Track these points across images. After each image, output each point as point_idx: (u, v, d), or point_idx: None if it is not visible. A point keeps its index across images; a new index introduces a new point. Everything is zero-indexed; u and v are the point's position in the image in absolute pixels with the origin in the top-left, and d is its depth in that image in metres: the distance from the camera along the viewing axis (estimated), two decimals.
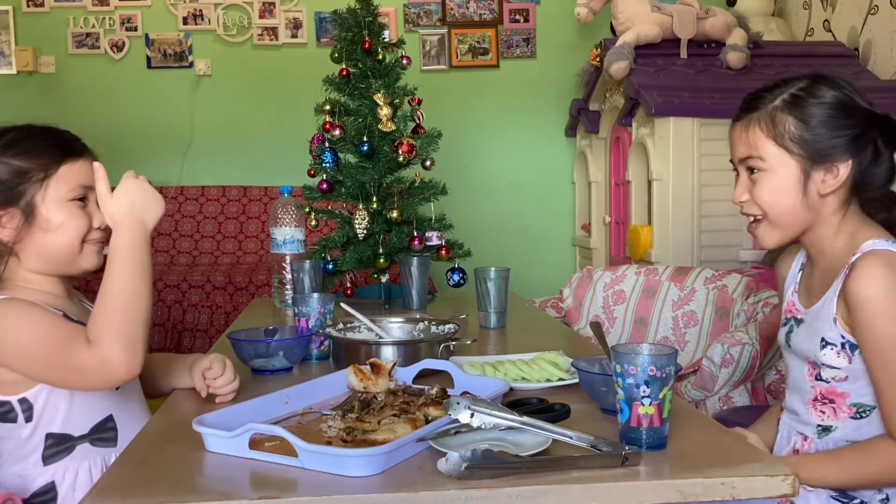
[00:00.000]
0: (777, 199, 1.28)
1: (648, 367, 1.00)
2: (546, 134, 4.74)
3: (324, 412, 1.19)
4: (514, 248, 4.70)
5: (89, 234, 1.31)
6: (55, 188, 1.27)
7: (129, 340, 1.13)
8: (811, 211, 1.28)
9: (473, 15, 4.68)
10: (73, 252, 1.30)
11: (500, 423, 1.03)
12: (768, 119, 1.27)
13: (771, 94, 1.29)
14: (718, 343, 2.28)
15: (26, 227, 1.26)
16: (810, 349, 1.31)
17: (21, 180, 1.25)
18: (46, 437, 1.23)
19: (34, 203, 1.26)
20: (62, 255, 1.29)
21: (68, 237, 1.28)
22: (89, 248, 1.32)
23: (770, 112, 1.27)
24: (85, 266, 1.32)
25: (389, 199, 2.30)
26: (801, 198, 1.27)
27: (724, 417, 2.07)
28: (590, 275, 2.82)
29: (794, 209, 1.28)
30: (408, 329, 1.61)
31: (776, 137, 1.26)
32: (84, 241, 1.31)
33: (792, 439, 1.37)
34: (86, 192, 1.31)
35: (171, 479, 0.98)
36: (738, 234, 3.48)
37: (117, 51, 4.59)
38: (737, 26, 3.64)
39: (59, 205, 1.27)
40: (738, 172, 1.34)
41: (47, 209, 1.27)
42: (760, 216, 1.32)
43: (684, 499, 0.92)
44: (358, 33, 2.35)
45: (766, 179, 1.28)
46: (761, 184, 1.29)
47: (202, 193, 4.56)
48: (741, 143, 1.31)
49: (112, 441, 1.27)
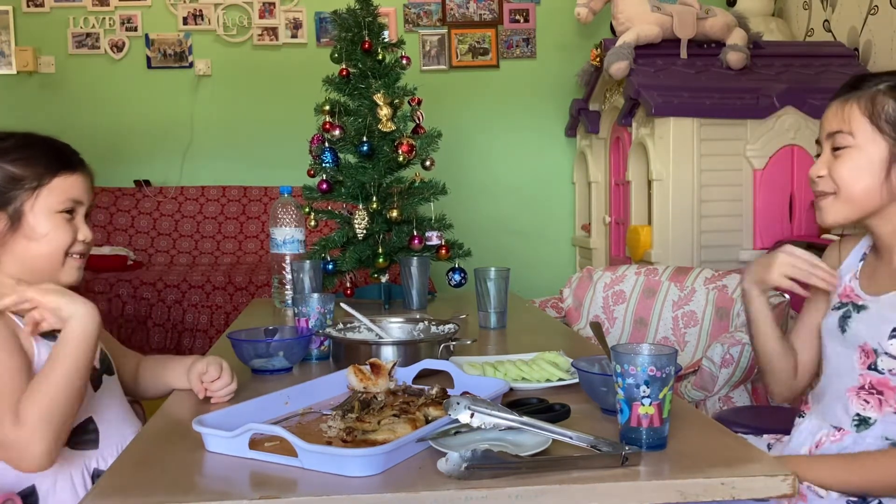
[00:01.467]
0: (857, 175, 1.30)
1: (648, 367, 1.00)
2: (546, 134, 4.74)
3: (324, 412, 1.20)
4: (514, 248, 4.69)
5: (72, 247, 1.33)
6: (45, 198, 1.29)
7: (54, 438, 1.12)
8: (886, 195, 1.29)
9: (473, 15, 4.68)
10: (55, 263, 1.31)
11: (500, 423, 1.03)
12: (868, 98, 1.29)
13: (877, 79, 1.31)
14: (718, 343, 2.28)
15: (10, 232, 1.28)
16: (874, 336, 1.29)
17: (13, 186, 1.27)
18: None
19: (22, 210, 1.28)
20: (43, 264, 1.30)
21: (51, 248, 1.30)
22: (71, 262, 1.33)
23: (872, 93, 1.29)
24: (65, 280, 1.32)
25: (389, 199, 2.30)
26: (881, 180, 1.28)
27: (724, 417, 2.06)
28: (590, 275, 2.82)
29: (871, 189, 1.29)
30: (408, 329, 1.61)
31: (872, 116, 1.28)
32: (67, 253, 1.32)
33: (817, 435, 1.36)
34: (75, 205, 1.33)
35: (171, 479, 0.98)
36: (738, 234, 3.48)
37: (117, 51, 4.59)
38: (737, 26, 3.64)
39: (46, 215, 1.29)
40: (823, 148, 1.36)
41: (34, 218, 1.28)
42: (833, 192, 1.33)
43: (684, 499, 0.92)
44: (358, 33, 2.35)
45: (850, 155, 1.30)
46: (844, 159, 1.31)
47: (202, 193, 4.56)
48: (835, 118, 1.32)
49: (93, 443, 1.26)
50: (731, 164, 3.44)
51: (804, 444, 1.37)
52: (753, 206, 3.47)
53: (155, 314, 3.72)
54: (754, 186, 3.45)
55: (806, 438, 1.38)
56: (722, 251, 3.45)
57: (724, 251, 3.45)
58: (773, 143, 3.43)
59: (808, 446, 1.36)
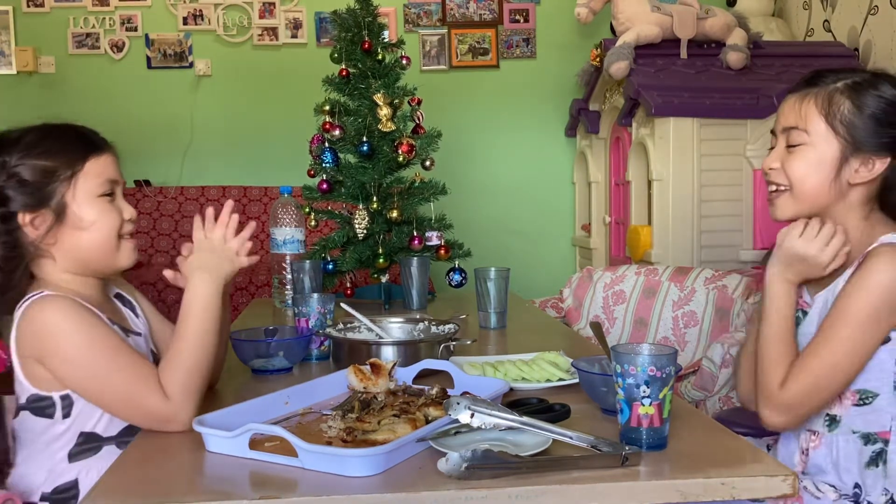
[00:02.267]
0: (808, 172, 1.31)
1: (648, 367, 1.00)
2: (546, 134, 4.74)
3: (324, 412, 1.20)
4: (514, 248, 4.69)
5: (122, 228, 1.30)
6: (83, 184, 1.26)
7: (197, 401, 1.18)
8: (835, 194, 1.30)
9: (473, 15, 4.68)
10: (111, 249, 1.29)
11: (500, 423, 1.03)
12: (826, 96, 1.30)
13: (835, 76, 1.32)
14: (718, 343, 2.28)
15: (58, 226, 1.25)
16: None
17: (49, 180, 1.24)
18: (79, 436, 1.23)
19: (65, 202, 1.25)
20: (99, 252, 1.28)
21: (103, 234, 1.27)
22: (125, 244, 1.31)
23: (829, 91, 1.30)
24: (123, 263, 1.31)
25: (389, 199, 2.30)
26: (831, 178, 1.29)
27: (724, 417, 2.06)
28: (590, 275, 2.82)
29: (821, 187, 1.30)
30: (408, 329, 1.61)
31: (827, 115, 1.29)
32: (120, 236, 1.30)
33: (800, 438, 1.37)
34: (113, 186, 1.30)
35: (171, 479, 0.98)
36: (738, 234, 3.48)
37: (117, 51, 4.59)
38: (737, 26, 3.64)
39: (89, 201, 1.26)
40: (777, 141, 1.37)
41: (79, 207, 1.25)
42: (785, 187, 1.34)
43: (684, 499, 0.92)
44: (357, 33, 2.35)
45: (803, 152, 1.31)
46: (798, 155, 1.32)
47: (202, 193, 4.56)
48: (791, 113, 1.33)
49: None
50: (731, 164, 3.44)
51: (794, 451, 1.38)
52: (753, 206, 3.47)
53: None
54: (754, 186, 3.45)
55: (793, 443, 1.39)
56: (722, 251, 3.45)
57: (724, 251, 3.45)
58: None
59: (798, 452, 1.37)
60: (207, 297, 1.23)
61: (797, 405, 1.25)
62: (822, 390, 1.25)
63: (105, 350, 1.17)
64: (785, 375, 1.26)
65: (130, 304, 1.40)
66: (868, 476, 1.27)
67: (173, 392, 1.16)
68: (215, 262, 1.28)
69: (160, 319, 1.46)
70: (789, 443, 1.40)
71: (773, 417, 1.28)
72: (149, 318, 1.43)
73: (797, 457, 1.37)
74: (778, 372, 1.27)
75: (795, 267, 1.30)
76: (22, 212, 1.23)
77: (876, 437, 1.27)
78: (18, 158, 1.24)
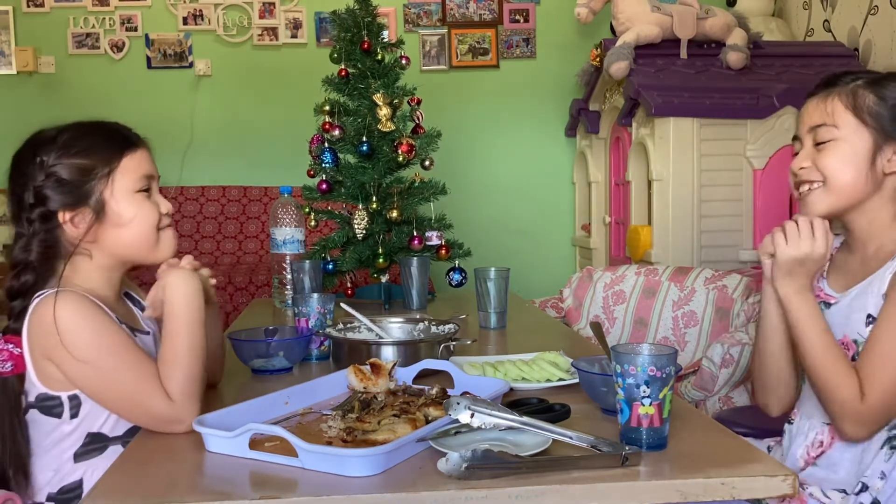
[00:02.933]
0: (843, 166, 1.31)
1: (648, 367, 1.00)
2: (546, 134, 4.74)
3: (324, 412, 1.20)
4: (514, 248, 4.69)
5: (161, 222, 1.31)
6: (121, 181, 1.27)
7: (198, 401, 1.18)
8: (872, 186, 1.31)
9: (473, 15, 4.68)
10: (151, 242, 1.30)
11: (500, 423, 1.03)
12: (849, 92, 1.32)
13: (852, 76, 1.34)
14: (718, 343, 2.28)
15: (97, 224, 1.26)
16: (851, 328, 1.31)
17: (87, 178, 1.25)
18: (87, 436, 1.23)
19: (103, 199, 1.25)
20: (139, 247, 1.29)
21: (142, 228, 1.28)
22: (165, 234, 1.32)
23: (851, 87, 1.32)
24: (164, 254, 1.32)
25: (389, 199, 2.30)
26: (866, 170, 1.30)
27: (724, 417, 2.07)
28: (590, 275, 2.82)
29: (857, 180, 1.31)
30: (408, 329, 1.61)
31: (855, 108, 1.31)
32: (159, 229, 1.31)
33: (810, 436, 1.36)
34: (149, 181, 1.31)
35: (171, 479, 0.98)
36: (738, 234, 3.48)
37: (117, 51, 4.59)
38: (737, 26, 3.64)
39: (127, 198, 1.27)
40: (803, 143, 1.37)
41: (117, 203, 1.26)
42: (820, 182, 1.34)
43: (684, 499, 0.92)
44: (357, 33, 2.35)
45: (835, 148, 1.32)
46: (829, 151, 1.32)
47: (202, 193, 4.56)
48: (816, 112, 1.34)
49: None
50: (731, 164, 3.44)
51: (800, 447, 1.37)
52: (753, 206, 3.47)
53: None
54: (754, 186, 3.45)
55: (801, 441, 1.38)
56: (722, 251, 3.45)
57: (724, 251, 3.45)
58: (773, 143, 3.42)
59: (804, 447, 1.37)
60: (187, 291, 1.24)
61: (880, 415, 1.24)
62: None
63: (114, 349, 1.18)
64: (857, 386, 1.23)
65: (140, 304, 1.41)
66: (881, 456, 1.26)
67: (174, 393, 1.16)
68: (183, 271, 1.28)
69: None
70: (797, 440, 1.39)
71: (859, 431, 1.25)
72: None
73: (801, 452, 1.36)
74: (850, 384, 1.23)
75: (799, 272, 1.29)
76: (62, 210, 1.24)
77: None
78: (56, 158, 1.25)
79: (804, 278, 1.30)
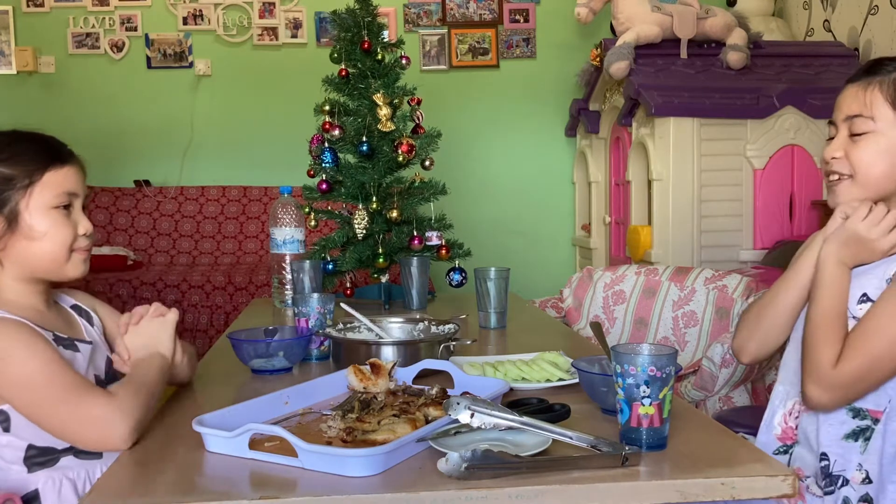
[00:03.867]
0: (877, 160, 1.31)
1: (648, 367, 1.00)
2: (546, 134, 4.74)
3: (324, 412, 1.20)
4: (514, 248, 4.70)
5: (76, 242, 1.30)
6: (39, 195, 1.26)
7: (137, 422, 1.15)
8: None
9: (473, 15, 4.68)
10: (60, 260, 1.29)
11: (500, 423, 1.03)
12: (891, 83, 1.31)
13: (894, 64, 1.33)
14: (718, 343, 2.28)
15: (9, 234, 1.25)
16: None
17: (5, 187, 1.24)
18: (28, 448, 1.21)
19: (17, 210, 1.25)
20: (47, 263, 1.28)
21: (53, 246, 1.27)
22: (76, 256, 1.31)
23: (894, 78, 1.31)
24: (71, 274, 1.31)
25: (389, 199, 2.30)
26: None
27: (724, 417, 2.07)
28: (590, 275, 2.82)
29: (889, 174, 1.31)
30: (408, 329, 1.61)
31: (895, 102, 1.30)
32: (71, 249, 1.30)
33: (788, 403, 1.37)
34: (70, 199, 1.29)
35: (171, 479, 0.98)
36: (738, 234, 3.48)
37: (117, 51, 4.59)
38: (737, 26, 3.64)
39: (43, 212, 1.26)
40: (838, 131, 1.36)
41: (31, 216, 1.25)
42: (848, 175, 1.34)
43: (684, 499, 0.92)
44: (357, 33, 2.35)
45: (870, 140, 1.31)
46: (864, 144, 1.32)
47: (202, 193, 4.56)
48: (855, 101, 1.33)
49: (97, 454, 1.25)
50: (731, 164, 3.44)
51: (777, 412, 1.38)
52: (753, 206, 3.47)
53: None
54: (754, 186, 3.45)
55: (778, 406, 1.39)
56: (722, 251, 3.45)
57: (724, 251, 3.45)
58: (773, 143, 3.43)
59: (782, 412, 1.37)
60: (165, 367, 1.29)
61: (848, 385, 1.24)
62: (875, 372, 1.23)
63: (51, 378, 1.16)
64: (837, 355, 1.24)
65: (87, 315, 1.39)
66: (842, 447, 1.27)
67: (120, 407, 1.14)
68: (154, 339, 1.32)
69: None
70: (774, 401, 1.40)
71: (821, 396, 1.26)
72: (109, 328, 1.43)
73: (779, 415, 1.37)
74: (830, 351, 1.25)
75: (852, 248, 1.30)
76: None
77: (866, 413, 1.27)
78: None
79: (852, 256, 1.31)
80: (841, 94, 1.38)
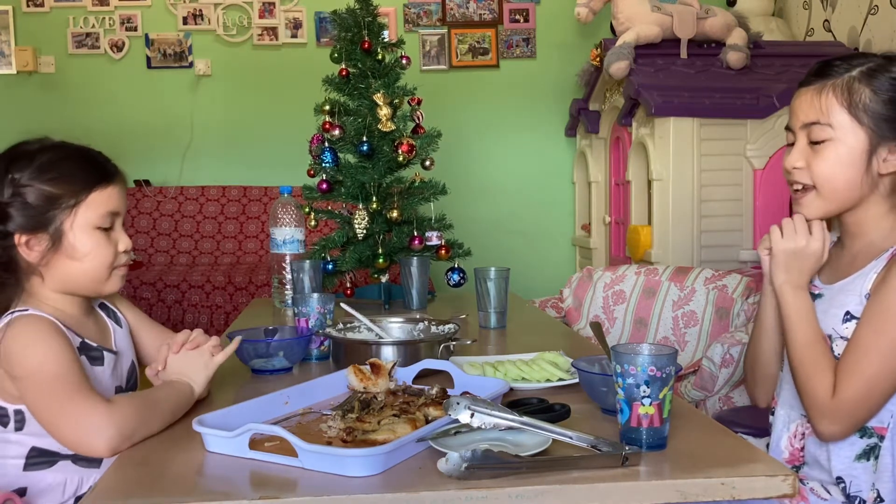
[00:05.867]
0: (838, 170, 1.27)
1: (648, 367, 1.00)
2: (546, 134, 4.74)
3: (324, 412, 1.20)
4: (514, 248, 4.70)
5: (115, 260, 1.31)
6: (83, 215, 1.26)
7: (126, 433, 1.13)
8: (867, 188, 1.27)
9: (473, 15, 4.68)
10: (101, 279, 1.30)
11: (500, 423, 1.03)
12: (845, 87, 1.26)
13: (847, 64, 1.28)
14: (718, 343, 2.28)
15: (52, 251, 1.25)
16: (828, 322, 1.29)
17: (51, 206, 1.24)
18: (31, 450, 1.22)
19: (62, 230, 1.25)
20: (87, 281, 1.29)
21: (94, 265, 1.28)
22: (116, 273, 1.32)
23: (847, 81, 1.26)
24: (109, 290, 1.33)
25: (389, 199, 2.30)
26: (862, 172, 1.26)
27: (724, 417, 2.07)
28: (590, 275, 2.82)
29: (852, 183, 1.26)
30: (408, 329, 1.61)
31: (850, 106, 1.25)
32: (112, 267, 1.31)
33: (791, 426, 1.36)
34: (113, 219, 1.30)
35: (171, 479, 0.98)
36: (738, 234, 3.48)
37: (117, 51, 4.59)
38: (737, 26, 3.64)
39: (86, 233, 1.26)
40: (796, 138, 1.33)
41: (74, 236, 1.26)
42: (810, 186, 1.30)
43: (684, 499, 0.92)
44: (357, 33, 2.35)
45: (830, 149, 1.27)
46: (824, 154, 1.28)
47: (202, 193, 4.56)
48: (810, 108, 1.29)
49: (96, 463, 1.26)
50: (731, 164, 3.44)
51: (782, 436, 1.37)
52: (753, 206, 3.47)
53: (155, 314, 3.72)
54: (754, 186, 3.45)
55: (782, 430, 1.37)
56: (722, 251, 3.45)
57: (724, 251, 3.45)
58: (773, 143, 3.42)
59: (786, 436, 1.36)
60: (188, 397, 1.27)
61: (853, 411, 1.21)
62: (876, 393, 1.20)
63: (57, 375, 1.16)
64: (832, 382, 1.21)
65: (114, 315, 1.40)
66: (856, 469, 1.25)
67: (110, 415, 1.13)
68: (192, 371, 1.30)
69: (147, 326, 1.48)
70: (777, 428, 1.38)
71: (831, 428, 1.22)
72: (133, 325, 1.44)
73: (784, 441, 1.36)
74: (824, 381, 1.22)
75: (794, 267, 1.29)
76: (19, 233, 1.24)
77: (872, 431, 1.26)
78: (28, 178, 1.24)
79: (799, 274, 1.29)
80: (795, 99, 1.33)
